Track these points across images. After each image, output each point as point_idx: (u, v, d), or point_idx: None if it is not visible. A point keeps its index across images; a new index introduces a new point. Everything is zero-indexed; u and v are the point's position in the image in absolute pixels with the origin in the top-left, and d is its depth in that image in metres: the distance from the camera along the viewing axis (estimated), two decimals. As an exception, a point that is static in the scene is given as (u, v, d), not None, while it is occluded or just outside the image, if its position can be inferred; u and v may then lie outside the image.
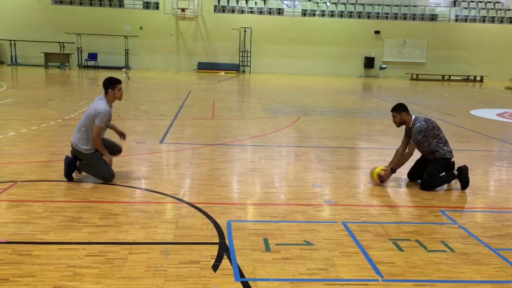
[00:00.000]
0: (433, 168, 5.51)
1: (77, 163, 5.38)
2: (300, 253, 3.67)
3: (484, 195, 5.44)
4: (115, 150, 5.68)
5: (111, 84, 5.40)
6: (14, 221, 4.10)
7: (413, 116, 5.66)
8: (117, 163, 6.00)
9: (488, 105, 15.01)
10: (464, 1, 30.08)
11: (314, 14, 27.88)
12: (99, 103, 5.34)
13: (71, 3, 26.57)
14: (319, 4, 28.20)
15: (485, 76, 26.89)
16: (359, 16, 28.09)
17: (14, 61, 25.31)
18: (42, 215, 4.26)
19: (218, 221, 4.26)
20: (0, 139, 7.42)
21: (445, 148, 5.55)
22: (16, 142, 7.26)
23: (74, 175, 5.39)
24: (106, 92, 5.41)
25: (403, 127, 5.82)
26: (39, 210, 4.38)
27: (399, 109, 5.63)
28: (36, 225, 4.03)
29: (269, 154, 7.11)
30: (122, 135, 5.85)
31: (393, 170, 5.57)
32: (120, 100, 5.55)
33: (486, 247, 3.93)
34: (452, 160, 5.63)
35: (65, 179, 5.33)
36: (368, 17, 28.11)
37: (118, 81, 5.46)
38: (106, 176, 5.31)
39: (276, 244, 3.82)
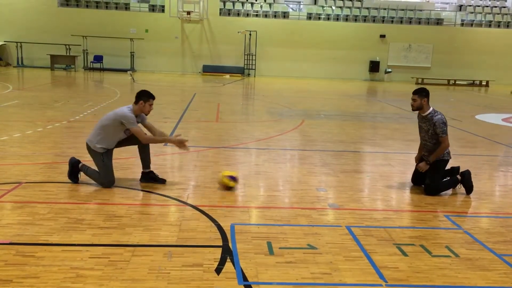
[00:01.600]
0: (434, 171, 5.48)
1: (80, 165, 5.36)
2: (304, 257, 3.66)
3: (489, 200, 5.41)
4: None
5: (145, 97, 5.27)
6: (19, 222, 4.11)
7: (431, 108, 5.59)
8: (121, 165, 6.01)
9: (494, 110, 14.95)
10: (470, 5, 30.01)
11: (319, 18, 27.89)
12: (124, 109, 5.24)
13: (77, 5, 26.71)
14: (325, 8, 28.21)
15: (490, 81, 26.78)
16: (365, 20, 28.07)
17: (20, 63, 25.45)
18: (46, 217, 4.27)
19: (222, 224, 4.25)
20: (5, 140, 7.45)
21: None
22: (22, 144, 7.29)
23: (79, 175, 5.39)
24: (136, 102, 5.27)
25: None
26: (43, 212, 4.39)
27: (422, 94, 5.54)
28: (40, 227, 4.03)
29: (274, 157, 7.10)
30: (175, 144, 5.53)
31: (428, 162, 5.47)
32: (146, 115, 5.42)
33: (491, 252, 3.90)
34: (449, 160, 5.57)
35: (70, 181, 5.34)
36: (374, 21, 28.09)
37: (153, 97, 5.34)
38: (103, 182, 5.24)
39: (280, 248, 3.81)
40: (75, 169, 5.35)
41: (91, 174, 5.33)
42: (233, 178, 5.32)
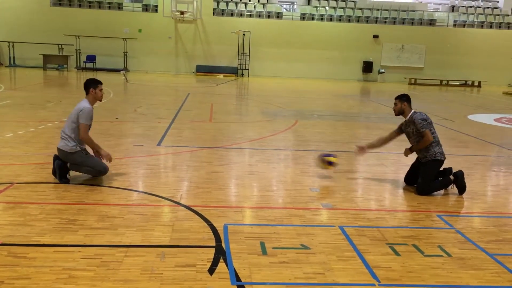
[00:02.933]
0: (426, 171, 5.51)
1: (68, 164, 5.35)
2: (297, 257, 3.66)
3: (481, 200, 5.44)
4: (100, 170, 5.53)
5: (93, 84, 5.45)
6: (10, 223, 4.08)
7: (412, 110, 5.72)
8: (114, 166, 5.98)
9: (486, 110, 15.04)
10: (463, 6, 30.18)
11: (313, 18, 27.93)
12: (81, 102, 5.41)
13: (70, 5, 26.56)
14: (318, 8, 28.26)
15: (483, 81, 26.93)
16: (358, 21, 28.14)
17: (12, 63, 25.27)
18: (38, 217, 4.24)
19: (215, 224, 4.24)
20: (-3, 141, 7.39)
21: (436, 149, 5.54)
22: (13, 144, 7.24)
23: (68, 176, 5.38)
24: (87, 92, 5.46)
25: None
26: (35, 212, 4.36)
27: (402, 99, 5.74)
28: (32, 227, 4.01)
29: (267, 157, 7.10)
30: (103, 157, 5.54)
31: (411, 150, 5.73)
32: (100, 100, 5.60)
33: (483, 252, 3.92)
34: (444, 160, 5.60)
35: (65, 182, 5.31)
36: (367, 21, 28.17)
37: (99, 82, 5.52)
38: (99, 170, 5.34)
39: (273, 248, 3.80)
40: (63, 170, 5.31)
41: (81, 169, 5.39)
42: (331, 163, 5.88)
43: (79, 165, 5.34)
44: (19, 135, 7.91)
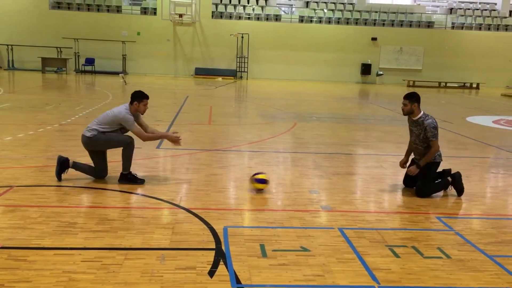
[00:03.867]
0: (425, 173, 5.51)
1: (70, 162, 5.48)
2: (297, 259, 3.67)
3: (480, 202, 5.45)
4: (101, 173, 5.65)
5: (138, 98, 5.51)
6: (10, 226, 4.08)
7: (422, 112, 5.59)
8: (113, 169, 5.98)
9: (484, 112, 15.07)
10: (461, 8, 30.28)
11: (311, 21, 27.99)
12: (121, 110, 5.45)
13: (68, 8, 26.60)
14: (317, 11, 28.32)
15: (481, 83, 27.00)
16: (356, 23, 28.20)
17: (11, 66, 25.27)
18: (37, 220, 4.24)
19: (215, 227, 4.25)
20: (-4, 144, 7.40)
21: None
22: (13, 147, 7.24)
23: (63, 173, 5.50)
24: (131, 103, 5.52)
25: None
26: (35, 215, 4.36)
27: (412, 99, 5.54)
28: (31, 230, 4.01)
29: (266, 160, 7.11)
30: (172, 140, 5.76)
31: (419, 166, 5.47)
32: (142, 114, 5.66)
33: (482, 253, 3.93)
34: (440, 162, 5.60)
35: (61, 184, 5.32)
36: (365, 24, 28.23)
37: (146, 97, 5.57)
38: (125, 139, 5.43)
39: (273, 250, 3.81)
40: (63, 167, 5.47)
41: (80, 168, 5.52)
42: (263, 181, 5.37)
43: (104, 145, 5.46)
44: (18, 138, 7.91)
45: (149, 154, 7.19)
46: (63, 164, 5.46)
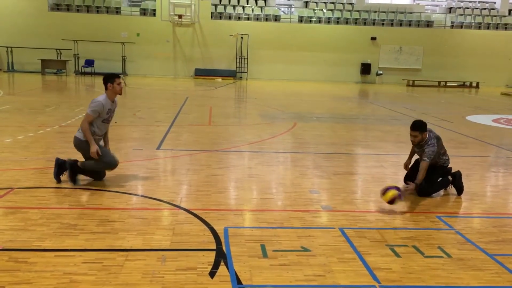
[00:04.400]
0: (433, 176, 5.48)
1: (67, 164, 5.45)
2: (298, 259, 3.67)
3: (480, 201, 5.45)
4: (111, 164, 5.61)
5: (110, 78, 5.55)
6: (11, 228, 4.09)
7: (427, 134, 5.40)
8: (114, 170, 5.99)
9: (484, 111, 15.07)
10: (460, 7, 30.29)
11: (310, 21, 28.00)
12: (98, 97, 5.51)
13: (68, 10, 26.61)
14: (316, 11, 28.33)
15: (480, 82, 27.01)
16: (356, 23, 28.21)
17: (11, 68, 25.28)
18: (38, 222, 4.24)
19: (215, 228, 4.25)
20: (-4, 146, 7.40)
21: (444, 157, 5.56)
22: (13, 149, 7.25)
23: (61, 177, 5.49)
24: (106, 88, 5.55)
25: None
26: (36, 217, 4.36)
27: (422, 129, 5.32)
28: (32, 232, 4.01)
29: (266, 160, 7.11)
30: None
31: (417, 185, 5.29)
32: (120, 94, 5.65)
33: (483, 252, 3.93)
34: (447, 167, 5.62)
35: (61, 186, 5.32)
36: (365, 23, 28.24)
37: (117, 75, 5.62)
38: (109, 161, 5.42)
39: (273, 250, 3.81)
40: (61, 169, 5.46)
41: (89, 166, 5.46)
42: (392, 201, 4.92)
43: (89, 157, 5.40)
44: (18, 140, 7.91)
45: (149, 155, 7.19)
46: (61, 166, 5.45)
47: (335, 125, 11.04)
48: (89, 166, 5.48)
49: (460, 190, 5.53)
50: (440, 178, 5.61)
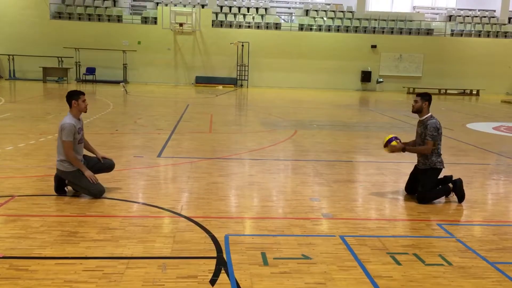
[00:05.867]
0: (425, 179, 5.53)
1: (66, 180, 5.34)
2: (298, 267, 3.67)
3: (481, 209, 5.45)
4: (103, 167, 5.60)
5: (74, 96, 5.30)
6: (11, 236, 4.09)
7: (430, 113, 5.66)
8: (114, 177, 6.01)
9: (485, 118, 15.09)
10: (460, 15, 30.41)
11: (311, 29, 28.12)
12: (64, 119, 5.26)
13: (69, 18, 26.76)
14: (316, 19, 28.45)
15: (481, 90, 27.05)
16: (356, 31, 28.32)
17: (12, 76, 25.38)
18: (39, 230, 4.24)
19: (216, 235, 4.25)
20: (-3, 154, 7.41)
21: (435, 158, 5.54)
22: (14, 157, 7.26)
23: (66, 188, 5.39)
24: (70, 106, 5.32)
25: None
26: (36, 225, 4.36)
27: (424, 97, 5.66)
28: (33, 240, 4.01)
29: (267, 167, 7.12)
30: (101, 159, 5.62)
31: (404, 150, 5.70)
32: (85, 112, 5.41)
33: (484, 260, 3.93)
34: (442, 169, 5.62)
35: (63, 194, 5.33)
36: (365, 31, 28.34)
37: (81, 93, 5.37)
38: (94, 192, 5.21)
39: (274, 258, 3.81)
40: (61, 182, 5.33)
41: (78, 188, 5.29)
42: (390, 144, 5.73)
43: (75, 184, 5.28)
44: (19, 147, 7.93)
45: (150, 162, 7.20)
46: (59, 180, 5.31)
47: (335, 133, 11.05)
48: (75, 189, 5.34)
49: (461, 197, 5.54)
50: (440, 186, 5.62)
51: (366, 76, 27.84)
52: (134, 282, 3.33)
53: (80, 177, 5.24)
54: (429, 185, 5.52)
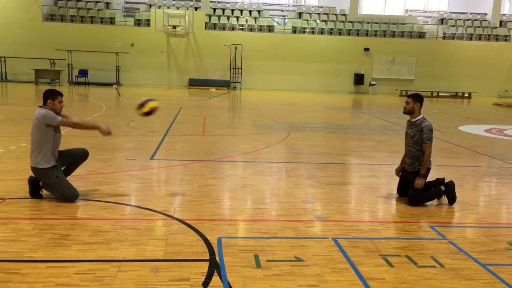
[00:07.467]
0: (415, 180, 5.54)
1: (40, 182, 5.24)
2: (291, 270, 3.67)
3: (473, 211, 5.48)
4: (78, 158, 5.52)
5: (51, 95, 5.15)
6: (2, 239, 4.06)
7: (422, 115, 5.66)
8: (106, 180, 5.98)
9: (476, 121, 15.19)
10: (452, 19, 30.62)
11: (304, 32, 28.19)
12: (39, 111, 5.16)
13: (62, 20, 26.64)
14: (309, 22, 28.53)
15: (473, 93, 27.24)
16: (349, 34, 28.43)
17: (4, 78, 25.21)
18: (30, 233, 4.21)
19: (209, 238, 4.24)
20: (-12, 156, 7.36)
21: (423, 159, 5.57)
22: (5, 159, 7.21)
23: (41, 192, 5.30)
24: (45, 103, 5.18)
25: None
26: (28, 228, 4.33)
27: (416, 99, 5.63)
28: (24, 243, 3.98)
29: (260, 170, 7.12)
30: (104, 132, 5.44)
31: (423, 176, 5.48)
32: (59, 113, 5.27)
33: (475, 262, 3.95)
34: (430, 169, 5.62)
35: (53, 197, 5.28)
36: (358, 34, 28.46)
37: (60, 94, 5.24)
38: (68, 196, 5.09)
39: (267, 261, 3.81)
40: (35, 186, 5.24)
41: (51, 191, 5.19)
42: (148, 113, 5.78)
43: (50, 186, 5.16)
44: (11, 150, 7.87)
45: (143, 165, 7.18)
46: (34, 184, 5.23)
47: (328, 135, 11.08)
48: (49, 191, 5.23)
49: (452, 200, 5.56)
50: (432, 189, 5.64)
51: (359, 79, 27.95)
52: (126, 285, 3.32)
53: (54, 180, 5.10)
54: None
